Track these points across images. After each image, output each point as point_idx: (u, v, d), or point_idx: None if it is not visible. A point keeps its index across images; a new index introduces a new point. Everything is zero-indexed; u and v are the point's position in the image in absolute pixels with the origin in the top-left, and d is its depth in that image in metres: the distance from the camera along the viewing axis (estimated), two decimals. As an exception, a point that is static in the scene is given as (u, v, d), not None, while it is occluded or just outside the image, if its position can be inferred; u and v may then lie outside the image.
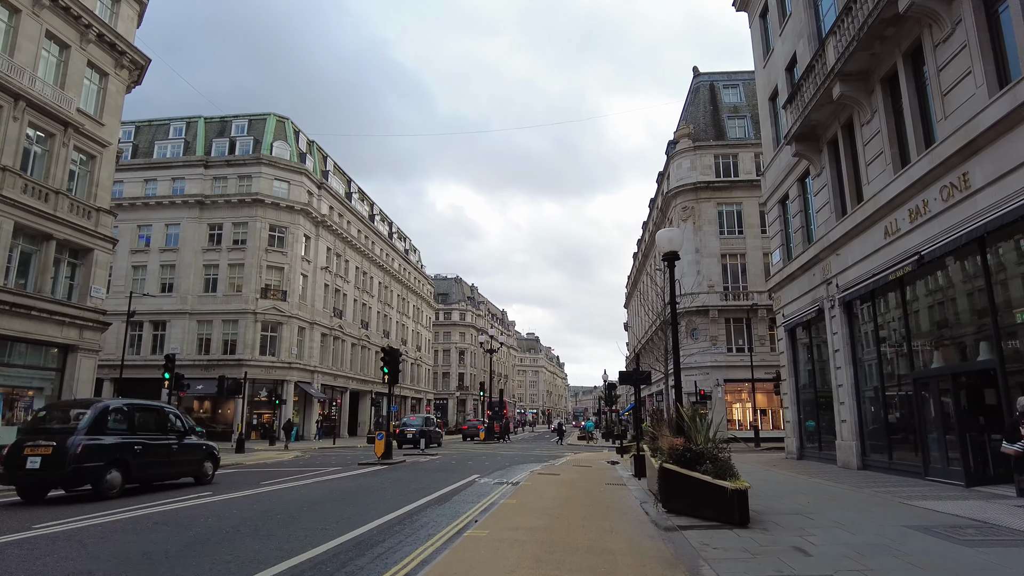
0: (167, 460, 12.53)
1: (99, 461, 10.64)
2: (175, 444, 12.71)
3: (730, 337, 35.97)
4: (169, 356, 22.29)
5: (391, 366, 20.13)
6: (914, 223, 11.98)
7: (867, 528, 7.23)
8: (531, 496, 10.95)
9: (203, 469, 13.62)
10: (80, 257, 23.22)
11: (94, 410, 11.13)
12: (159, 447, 12.26)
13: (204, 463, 13.68)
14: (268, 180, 42.11)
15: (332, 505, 9.78)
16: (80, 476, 10.44)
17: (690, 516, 8.29)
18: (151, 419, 12.57)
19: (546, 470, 17.20)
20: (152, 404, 13.49)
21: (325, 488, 12.34)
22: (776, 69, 20.38)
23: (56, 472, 10.24)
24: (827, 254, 16.31)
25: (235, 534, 7.23)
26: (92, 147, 23.46)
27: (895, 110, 13.20)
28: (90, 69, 23.67)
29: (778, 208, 20.84)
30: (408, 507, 9.62)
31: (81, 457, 10.33)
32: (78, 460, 10.29)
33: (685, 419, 9.07)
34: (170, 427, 12.86)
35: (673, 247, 10.41)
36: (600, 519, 8.49)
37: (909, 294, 12.98)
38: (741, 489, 7.70)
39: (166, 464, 12.56)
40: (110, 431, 11.19)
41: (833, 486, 11.66)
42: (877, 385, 14.57)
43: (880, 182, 13.37)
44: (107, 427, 11.17)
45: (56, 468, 10.20)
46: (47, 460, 10.18)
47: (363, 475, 15.47)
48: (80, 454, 10.32)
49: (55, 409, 12.03)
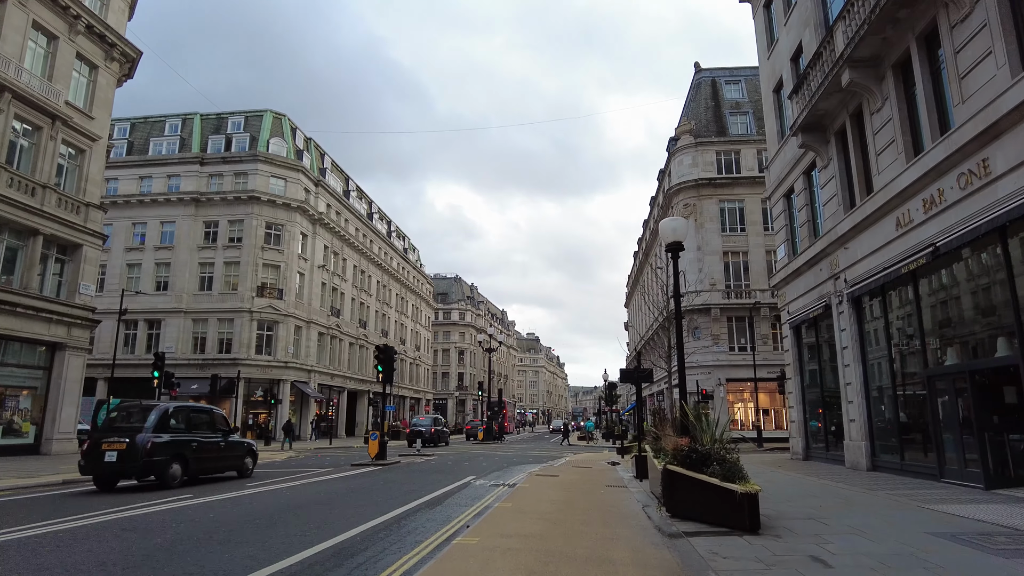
0: (216, 456, 14.15)
1: (164, 456, 12.20)
2: (222, 442, 14.30)
3: (732, 336, 35.41)
4: (158, 354, 21.76)
5: (385, 364, 19.60)
6: (928, 213, 11.45)
7: (888, 535, 6.71)
8: (528, 499, 10.43)
9: (244, 464, 15.18)
10: (69, 253, 22.73)
11: (158, 411, 12.72)
12: (210, 444, 13.86)
13: (245, 458, 15.27)
14: (264, 177, 41.59)
15: (317, 509, 9.26)
16: (149, 468, 11.96)
17: (696, 521, 7.77)
18: (203, 419, 14.21)
19: (544, 471, 16.68)
20: (203, 406, 15.44)
21: (312, 490, 11.82)
22: (781, 60, 19.86)
23: (129, 465, 11.77)
24: (835, 248, 15.79)
25: (206, 541, 6.71)
26: (81, 141, 22.97)
27: (907, 97, 12.68)
28: (79, 61, 23.19)
29: (783, 202, 20.32)
30: (397, 511, 9.10)
31: (150, 452, 11.89)
32: (148, 455, 11.85)
33: (690, 418, 8.55)
34: (217, 427, 14.54)
35: (677, 237, 9.89)
36: (600, 525, 7.96)
37: (922, 288, 12.45)
38: (751, 493, 7.18)
39: (215, 459, 14.16)
40: (171, 430, 12.77)
41: (844, 488, 11.13)
42: (888, 383, 14.05)
43: (891, 172, 12.85)
44: (169, 426, 12.75)
45: (130, 461, 11.74)
46: (122, 454, 11.74)
47: (354, 476, 14.96)
48: (149, 449, 11.90)
49: (124, 410, 13.39)
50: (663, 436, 10.29)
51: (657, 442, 11.16)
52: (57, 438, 21.28)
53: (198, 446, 13.27)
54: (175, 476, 12.41)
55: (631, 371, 16.36)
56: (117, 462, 11.68)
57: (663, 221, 10.07)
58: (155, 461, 11.95)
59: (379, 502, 10.06)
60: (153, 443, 11.96)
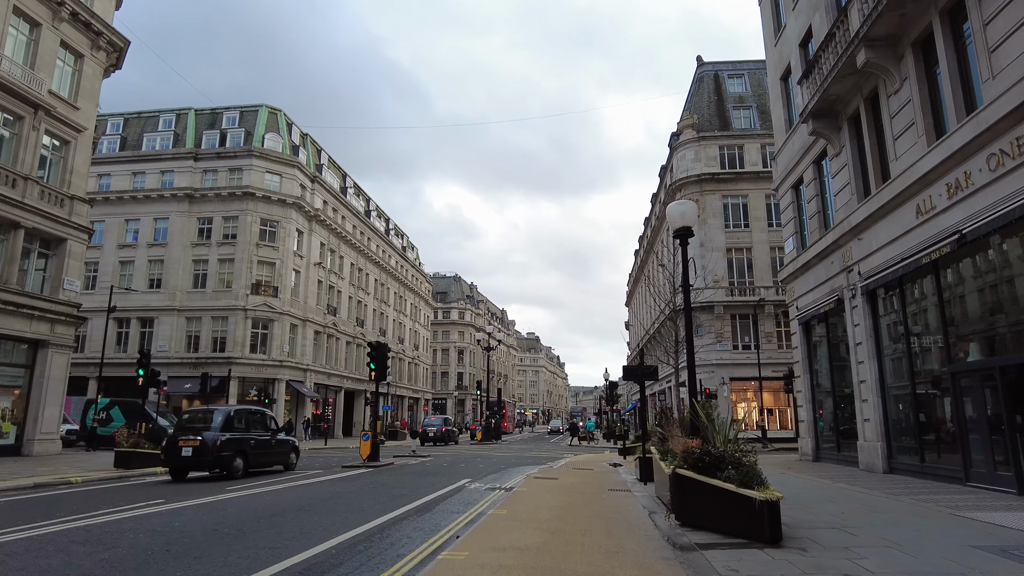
0: (268, 451, 15.93)
1: (229, 451, 14.15)
2: (272, 440, 16.16)
3: (736, 334, 34.65)
4: (143, 352, 20.99)
5: (378, 362, 18.88)
6: (952, 199, 10.72)
7: (928, 549, 5.97)
8: (525, 505, 9.69)
9: (290, 459, 16.92)
10: (52, 248, 22.01)
11: (224, 413, 14.82)
12: (263, 442, 15.70)
13: (290, 455, 17.01)
14: (259, 173, 40.85)
15: (295, 516, 8.52)
16: (217, 462, 13.91)
17: (709, 531, 7.05)
18: (258, 420, 16.26)
19: (543, 474, 15.95)
20: (258, 409, 17.71)
21: (295, 495, 11.08)
22: (789, 46, 19.14)
23: (202, 459, 13.76)
24: (847, 239, 15.05)
25: (162, 556, 5.98)
26: (66, 132, 22.24)
27: (928, 76, 11.95)
28: (64, 50, 22.45)
29: (791, 194, 19.59)
30: (382, 519, 8.37)
31: (219, 448, 13.88)
32: (217, 450, 13.84)
33: (702, 417, 7.81)
34: (268, 426, 16.43)
35: (686, 223, 9.15)
36: (603, 535, 7.23)
37: (945, 279, 11.71)
38: (772, 500, 6.45)
39: (267, 454, 15.96)
40: (234, 429, 14.67)
41: (863, 492, 10.40)
42: (905, 380, 13.29)
43: (911, 156, 12.11)
44: (232, 426, 14.66)
45: (202, 456, 13.74)
46: (195, 450, 13.73)
47: (343, 479, 14.23)
48: (219, 446, 13.88)
49: (195, 413, 15.63)
50: (670, 437, 9.57)
51: (664, 443, 10.43)
52: (39, 439, 20.56)
53: (255, 443, 15.25)
54: (238, 468, 14.40)
55: (635, 368, 15.62)
56: (192, 456, 13.75)
57: (671, 205, 9.33)
58: (223, 456, 13.99)
59: (364, 508, 9.32)
60: (221, 440, 13.98)
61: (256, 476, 14.66)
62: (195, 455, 13.69)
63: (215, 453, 13.75)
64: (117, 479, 14.32)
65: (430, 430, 36.95)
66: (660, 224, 42.14)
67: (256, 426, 15.84)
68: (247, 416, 15.83)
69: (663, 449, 10.10)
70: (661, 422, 12.05)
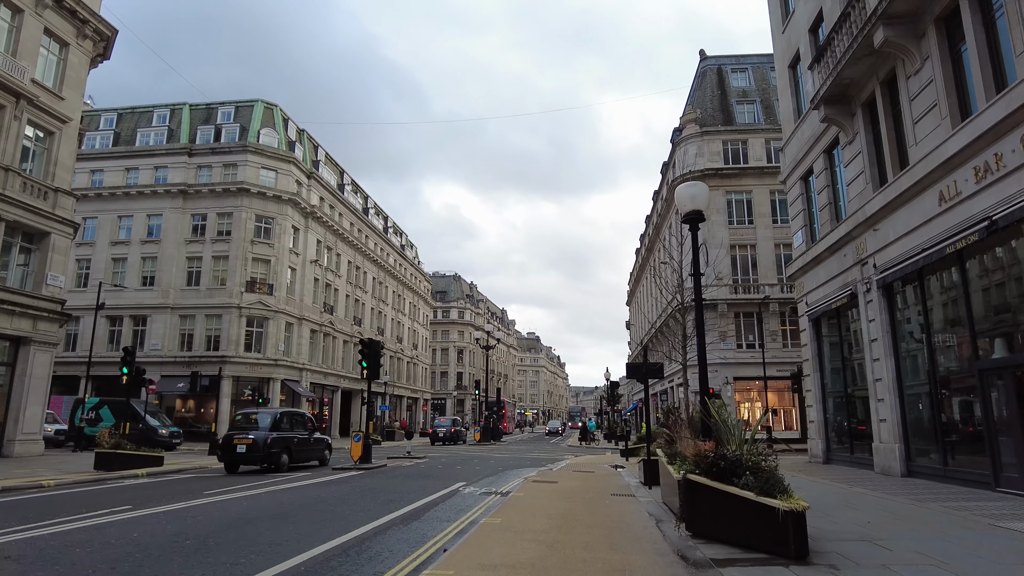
0: (308, 448, 17.97)
1: (277, 448, 16.29)
2: (311, 438, 18.28)
3: (740, 332, 33.93)
4: (128, 349, 20.26)
5: (370, 359, 18.15)
6: (981, 183, 9.99)
7: (975, 567, 5.25)
8: (521, 513, 8.95)
9: (324, 455, 19.07)
10: (36, 242, 21.27)
11: (272, 415, 17.20)
12: (304, 440, 17.80)
13: (325, 451, 19.17)
14: (255, 168, 40.11)
15: (269, 525, 7.79)
16: (267, 457, 15.98)
17: (724, 543, 6.33)
18: (299, 421, 18.59)
19: (542, 477, 15.21)
20: (299, 411, 20.41)
21: (275, 500, 10.35)
22: (798, 32, 18.42)
23: (254, 454, 15.83)
24: (862, 230, 14.32)
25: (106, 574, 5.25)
26: (50, 122, 21.50)
27: (952, 54, 11.22)
28: (48, 37, 21.71)
29: (800, 185, 18.86)
30: (365, 528, 7.65)
31: (269, 445, 15.99)
32: (267, 447, 15.94)
33: (715, 416, 7.08)
34: (306, 426, 18.63)
35: (697, 206, 8.43)
36: (607, 548, 6.49)
37: (971, 269, 10.97)
38: (798, 511, 5.72)
39: (306, 451, 17.90)
40: (280, 429, 16.78)
41: (885, 498, 9.67)
42: (925, 379, 12.57)
43: (933, 140, 11.38)
44: (279, 426, 16.82)
45: (255, 452, 15.80)
46: (249, 447, 15.78)
47: (330, 483, 13.50)
48: (269, 443, 15.97)
49: (247, 414, 17.82)
50: (679, 439, 8.84)
51: (671, 445, 9.69)
52: (21, 439, 19.81)
53: (297, 441, 17.25)
54: (284, 463, 16.46)
55: (639, 365, 14.88)
56: (245, 452, 15.73)
57: (680, 187, 8.61)
58: (272, 452, 16.00)
59: (347, 516, 8.59)
60: (270, 439, 16.05)
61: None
62: (248, 451, 15.74)
63: (265, 450, 15.85)
64: (93, 482, 13.60)
65: (440, 430, 39.58)
66: (662, 222, 41.39)
67: (298, 426, 18.01)
68: (290, 417, 18.12)
69: (670, 452, 9.37)
70: (667, 422, 11.32)
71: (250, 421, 16.85)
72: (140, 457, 16.36)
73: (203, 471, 16.86)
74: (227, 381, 36.11)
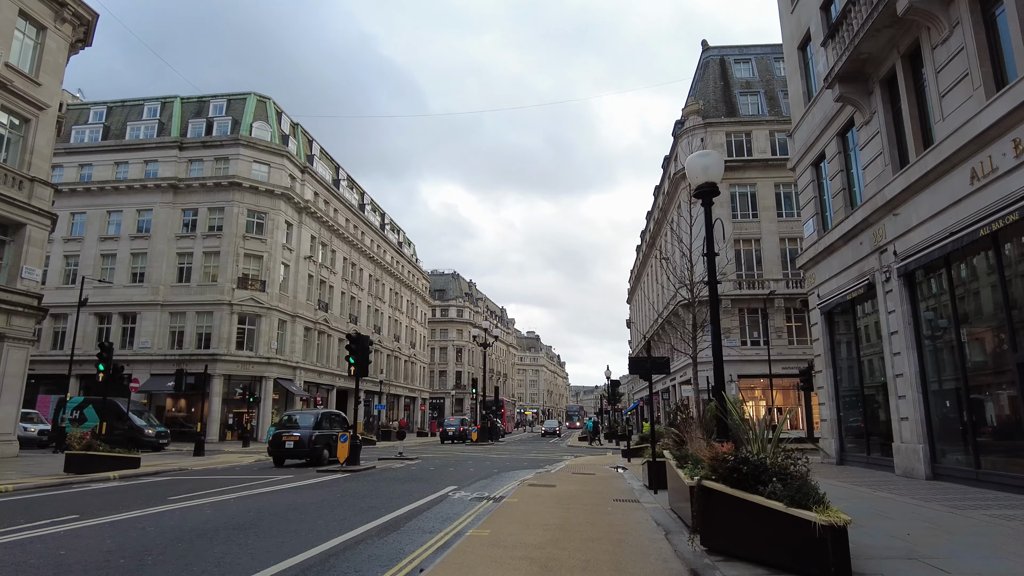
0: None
1: (320, 444, 18.39)
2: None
3: (744, 329, 33.00)
4: (104, 344, 19.35)
5: (358, 355, 17.22)
6: (1022, 156, 9.04)
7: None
8: (512, 522, 8.01)
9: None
10: (10, 233, 20.36)
11: (315, 415, 19.63)
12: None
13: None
14: (247, 162, 39.17)
15: (224, 539, 6.86)
16: (311, 452, 18.00)
17: (747, 561, 5.44)
18: (338, 421, 20.95)
19: (539, 479, 14.26)
20: (336, 412, 23.29)
21: (244, 507, 9.40)
22: (808, 10, 17.49)
23: (300, 450, 17.95)
24: (880, 216, 13.38)
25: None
26: (25, 109, 20.59)
27: (985, 18, 10.28)
28: (23, 20, 20.82)
29: (811, 172, 17.92)
30: (334, 541, 6.72)
31: (313, 442, 18.11)
32: (312, 444, 18.05)
33: (734, 414, 6.15)
34: (344, 425, 20.61)
35: (710, 178, 7.53)
36: (610, 568, 5.55)
37: (1008, 253, 10.03)
38: (838, 525, 4.81)
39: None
40: (322, 428, 18.92)
41: (918, 505, 8.73)
42: (952, 374, 11.63)
43: (963, 113, 10.44)
44: (322, 425, 18.98)
45: (300, 448, 17.94)
46: (296, 443, 17.94)
47: (309, 487, 12.55)
48: (313, 440, 18.10)
49: (292, 414, 20.35)
50: (689, 439, 7.92)
51: (680, 447, 8.78)
52: (-7, 440, 18.92)
53: (335, 439, 18.32)
54: (325, 458, 18.32)
55: (643, 360, 13.93)
56: (293, 448, 17.84)
57: (691, 157, 7.70)
58: (316, 448, 18.06)
59: (318, 526, 7.66)
60: (315, 436, 18.16)
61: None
62: (295, 447, 17.81)
63: (310, 446, 17.85)
64: (58, 486, 12.68)
65: (450, 429, 40.79)
66: (663, 216, 40.44)
67: (336, 425, 20.10)
68: (331, 417, 20.49)
69: (679, 454, 8.45)
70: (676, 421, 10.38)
71: (296, 420, 19.16)
72: (114, 459, 15.44)
73: (181, 474, 15.92)
74: (218, 379, 35.22)
